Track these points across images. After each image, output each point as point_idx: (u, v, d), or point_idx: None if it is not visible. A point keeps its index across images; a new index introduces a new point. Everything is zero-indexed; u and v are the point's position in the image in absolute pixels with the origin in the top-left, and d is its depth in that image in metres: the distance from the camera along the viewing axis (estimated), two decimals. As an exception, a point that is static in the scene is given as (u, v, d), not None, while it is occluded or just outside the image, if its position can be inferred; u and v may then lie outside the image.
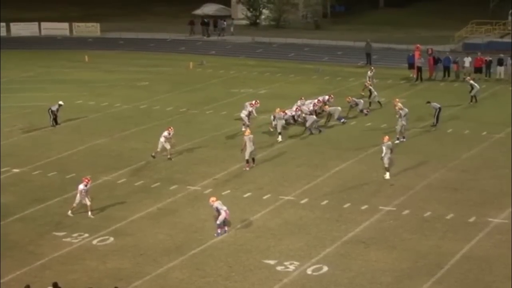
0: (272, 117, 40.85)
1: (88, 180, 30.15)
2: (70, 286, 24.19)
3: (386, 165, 33.66)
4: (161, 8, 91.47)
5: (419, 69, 54.62)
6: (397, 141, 38.03)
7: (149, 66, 60.93)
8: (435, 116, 41.97)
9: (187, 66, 60.40)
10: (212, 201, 28.36)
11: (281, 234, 28.13)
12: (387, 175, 33.61)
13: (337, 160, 36.50)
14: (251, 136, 35.40)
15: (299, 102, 43.07)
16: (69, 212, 30.00)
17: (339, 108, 42.85)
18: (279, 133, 39.62)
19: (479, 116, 44.33)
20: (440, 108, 41.97)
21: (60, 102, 43.08)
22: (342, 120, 42.61)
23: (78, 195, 29.87)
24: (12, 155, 37.80)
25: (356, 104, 44.18)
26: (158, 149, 36.48)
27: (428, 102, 42.52)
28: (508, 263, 25.54)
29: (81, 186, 29.86)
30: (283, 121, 40.20)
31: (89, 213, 29.89)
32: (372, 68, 52.84)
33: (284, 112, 40.64)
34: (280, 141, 39.29)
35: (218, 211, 28.09)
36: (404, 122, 39.20)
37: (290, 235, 28.03)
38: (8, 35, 75.87)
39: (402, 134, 39.16)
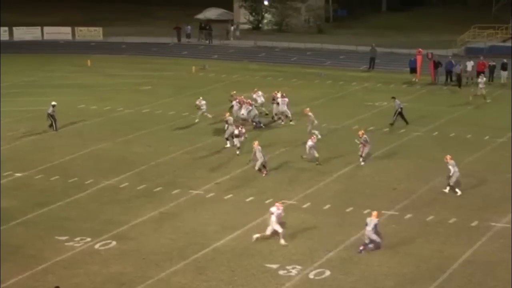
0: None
1: (281, 205, 28.28)
2: (72, 290, 24.27)
3: None
4: (164, 12, 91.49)
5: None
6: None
7: (151, 71, 60.95)
8: (395, 115, 41.87)
9: (190, 70, 60.43)
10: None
11: (284, 238, 28.08)
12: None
13: (339, 164, 36.48)
14: (260, 147, 35.17)
15: (254, 95, 43.43)
16: (255, 237, 27.74)
17: (252, 108, 42.89)
18: (227, 138, 39.06)
19: (482, 121, 44.31)
20: (401, 108, 42.01)
21: (53, 103, 42.85)
22: (260, 124, 42.45)
23: (272, 221, 27.58)
24: (14, 159, 37.81)
25: (277, 103, 43.62)
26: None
27: (393, 98, 42.57)
28: (510, 267, 25.51)
29: (273, 209, 27.77)
30: (235, 128, 38.45)
31: (282, 241, 27.43)
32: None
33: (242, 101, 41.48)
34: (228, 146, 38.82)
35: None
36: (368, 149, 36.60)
37: (292, 239, 27.99)
38: (11, 39, 75.81)
39: (364, 159, 36.28)
